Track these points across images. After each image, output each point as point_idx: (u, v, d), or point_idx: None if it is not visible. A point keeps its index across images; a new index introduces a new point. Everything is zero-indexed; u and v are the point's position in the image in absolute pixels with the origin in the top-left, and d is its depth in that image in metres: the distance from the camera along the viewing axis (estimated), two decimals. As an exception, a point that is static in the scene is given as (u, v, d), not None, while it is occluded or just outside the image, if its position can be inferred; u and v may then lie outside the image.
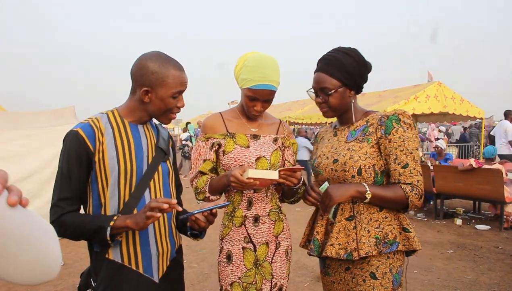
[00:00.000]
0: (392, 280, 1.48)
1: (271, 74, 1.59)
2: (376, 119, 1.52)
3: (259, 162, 1.66)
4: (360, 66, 1.54)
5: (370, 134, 1.51)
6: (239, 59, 1.70)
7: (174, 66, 1.32)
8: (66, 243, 5.31)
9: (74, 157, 1.25)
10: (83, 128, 1.28)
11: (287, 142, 1.78)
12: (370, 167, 1.48)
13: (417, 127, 13.30)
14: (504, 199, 5.31)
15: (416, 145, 1.48)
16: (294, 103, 14.58)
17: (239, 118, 1.74)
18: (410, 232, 1.48)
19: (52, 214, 1.26)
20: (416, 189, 1.44)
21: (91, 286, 1.31)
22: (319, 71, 1.55)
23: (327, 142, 1.66)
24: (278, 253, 1.72)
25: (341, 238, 1.48)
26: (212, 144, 1.69)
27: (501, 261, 4.26)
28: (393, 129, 1.46)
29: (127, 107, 1.38)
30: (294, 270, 4.05)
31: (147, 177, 1.34)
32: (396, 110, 1.51)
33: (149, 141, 1.39)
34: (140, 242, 1.32)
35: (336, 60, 1.51)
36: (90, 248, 1.35)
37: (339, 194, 1.42)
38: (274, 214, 1.71)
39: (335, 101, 1.53)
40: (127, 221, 1.22)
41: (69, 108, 7.15)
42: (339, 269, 1.56)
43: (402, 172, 1.45)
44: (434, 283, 3.69)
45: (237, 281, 1.65)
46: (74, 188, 1.27)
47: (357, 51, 1.55)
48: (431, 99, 8.76)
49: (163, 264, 1.39)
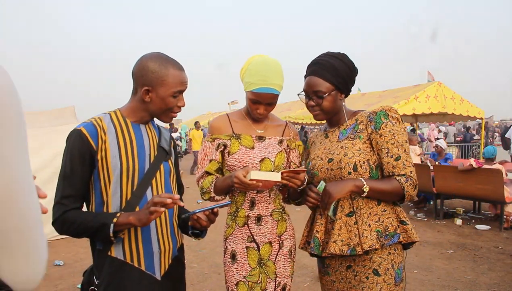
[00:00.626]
0: (394, 276, 1.50)
1: (273, 78, 1.61)
2: (365, 117, 1.58)
3: (263, 163, 1.67)
4: (351, 70, 1.60)
5: (361, 131, 1.56)
6: (245, 62, 1.71)
7: (174, 66, 1.34)
8: (66, 243, 5.31)
9: (77, 155, 1.28)
10: (86, 127, 1.30)
11: (292, 145, 1.79)
12: (365, 162, 1.52)
13: (417, 128, 13.30)
14: (504, 199, 5.31)
15: (405, 138, 1.54)
16: (294, 103, 14.58)
17: (245, 120, 1.76)
18: (407, 224, 1.53)
19: (55, 211, 1.28)
20: (410, 179, 1.49)
21: (94, 284, 1.33)
22: (312, 75, 1.59)
23: (319, 145, 1.69)
24: (282, 253, 1.73)
25: (343, 234, 1.50)
26: (218, 145, 1.70)
27: (501, 261, 4.26)
28: (383, 124, 1.52)
29: (129, 108, 1.40)
30: (294, 270, 4.05)
31: (149, 176, 1.36)
32: (383, 107, 1.57)
33: (151, 140, 1.41)
34: (142, 240, 1.34)
35: (329, 64, 1.56)
36: (92, 246, 1.37)
37: (338, 190, 1.46)
38: (277, 214, 1.72)
39: (328, 104, 1.58)
40: (130, 217, 1.24)
41: (69, 108, 7.16)
42: (339, 268, 1.58)
43: (395, 164, 1.50)
44: (434, 283, 3.69)
45: (243, 280, 1.66)
46: (77, 185, 1.29)
47: (347, 56, 1.61)
48: (431, 99, 8.77)
49: (165, 262, 1.40)
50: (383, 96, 9.75)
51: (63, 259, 4.45)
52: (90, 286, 1.34)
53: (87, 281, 1.36)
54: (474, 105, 9.63)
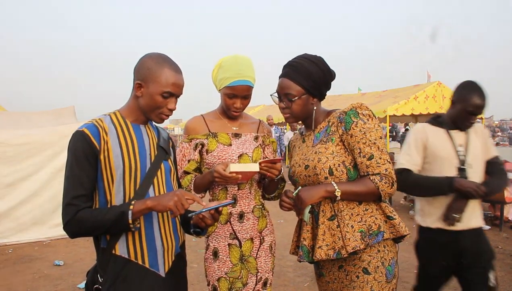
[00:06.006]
0: (385, 273, 1.49)
1: (246, 70, 1.67)
2: (335, 118, 1.55)
3: (241, 159, 1.73)
4: (325, 75, 1.58)
5: (332, 133, 1.54)
6: (216, 63, 1.77)
7: (170, 66, 1.35)
8: (66, 243, 5.31)
9: (82, 156, 1.29)
10: (88, 128, 1.31)
11: (267, 141, 1.87)
12: (340, 164, 1.50)
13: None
14: (504, 199, 5.31)
15: (379, 134, 1.50)
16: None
17: (220, 119, 1.81)
18: (394, 219, 1.50)
19: (67, 213, 1.27)
20: (386, 177, 1.46)
21: (98, 282, 1.34)
22: (284, 77, 1.58)
23: (298, 150, 1.70)
24: (263, 248, 1.79)
25: (328, 239, 1.49)
26: (196, 144, 1.75)
27: (501, 261, 4.26)
28: (353, 124, 1.49)
29: (128, 108, 1.42)
30: (294, 270, 4.06)
31: (151, 174, 1.38)
32: (353, 105, 1.53)
33: (151, 140, 1.43)
34: (146, 237, 1.36)
35: (303, 67, 1.54)
36: (96, 245, 1.38)
37: (309, 195, 1.46)
38: (258, 210, 1.79)
39: (297, 108, 1.57)
40: (147, 202, 1.28)
41: (69, 108, 7.16)
42: (332, 268, 1.58)
43: (368, 164, 1.47)
44: (434, 283, 3.69)
45: (224, 276, 1.72)
46: (87, 185, 1.30)
47: (323, 60, 1.59)
48: (429, 99, 8.79)
49: (169, 259, 1.42)
50: (383, 96, 9.77)
51: (63, 259, 4.45)
52: (95, 284, 1.34)
53: (91, 280, 1.37)
54: (474, 105, 9.62)
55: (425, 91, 8.70)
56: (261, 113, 16.40)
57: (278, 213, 8.25)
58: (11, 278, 3.98)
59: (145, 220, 1.36)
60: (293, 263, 4.23)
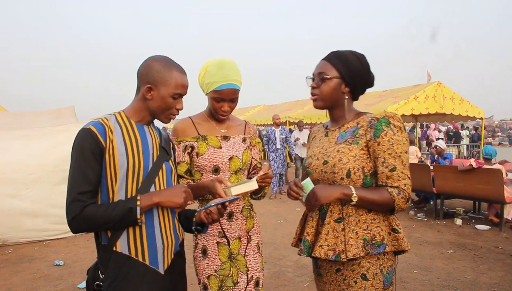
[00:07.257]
0: (383, 280, 1.49)
1: (232, 74, 1.69)
2: (366, 122, 1.53)
3: (232, 162, 1.75)
4: (363, 67, 1.56)
5: (360, 137, 1.51)
6: (202, 68, 1.78)
7: (177, 69, 1.42)
8: (66, 243, 5.31)
9: (89, 152, 1.30)
10: (95, 125, 1.34)
11: (253, 142, 1.91)
12: (359, 169, 1.49)
13: (417, 128, 13.31)
14: (504, 199, 5.31)
15: (406, 148, 1.49)
16: (294, 103, 14.60)
17: (208, 121, 1.83)
18: (399, 232, 1.50)
19: (73, 209, 1.28)
20: (403, 192, 1.45)
21: (99, 278, 1.36)
22: (324, 59, 1.59)
23: (318, 143, 1.68)
24: (250, 247, 1.82)
25: (330, 240, 1.49)
26: (185, 147, 1.76)
27: (501, 261, 4.26)
28: (383, 133, 1.47)
29: (132, 108, 1.45)
30: (294, 270, 4.06)
31: (153, 174, 1.41)
32: (386, 113, 1.51)
33: (154, 141, 1.47)
34: (146, 235, 1.38)
35: (344, 55, 1.56)
36: (97, 242, 1.40)
37: (326, 195, 1.44)
38: (247, 211, 1.82)
39: (327, 89, 1.55)
40: (154, 198, 1.34)
41: (69, 108, 7.17)
42: (330, 270, 1.58)
43: (389, 175, 1.46)
44: (434, 283, 3.70)
45: (214, 274, 1.74)
46: (93, 181, 1.31)
47: (365, 58, 1.59)
48: (429, 99, 8.79)
49: (168, 256, 1.45)
50: (383, 96, 9.76)
51: (63, 259, 4.45)
52: (96, 281, 1.36)
53: (92, 277, 1.39)
54: (474, 105, 9.63)
55: (425, 91, 8.70)
56: (261, 113, 16.43)
57: (278, 213, 8.27)
58: (11, 278, 3.98)
59: (146, 218, 1.38)
60: (293, 263, 4.23)
